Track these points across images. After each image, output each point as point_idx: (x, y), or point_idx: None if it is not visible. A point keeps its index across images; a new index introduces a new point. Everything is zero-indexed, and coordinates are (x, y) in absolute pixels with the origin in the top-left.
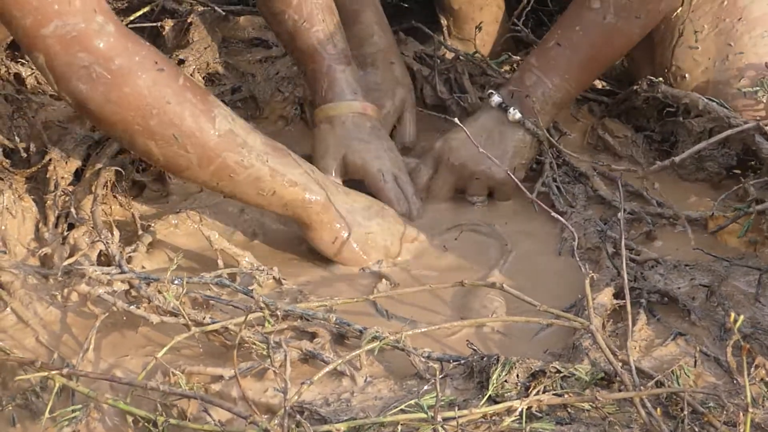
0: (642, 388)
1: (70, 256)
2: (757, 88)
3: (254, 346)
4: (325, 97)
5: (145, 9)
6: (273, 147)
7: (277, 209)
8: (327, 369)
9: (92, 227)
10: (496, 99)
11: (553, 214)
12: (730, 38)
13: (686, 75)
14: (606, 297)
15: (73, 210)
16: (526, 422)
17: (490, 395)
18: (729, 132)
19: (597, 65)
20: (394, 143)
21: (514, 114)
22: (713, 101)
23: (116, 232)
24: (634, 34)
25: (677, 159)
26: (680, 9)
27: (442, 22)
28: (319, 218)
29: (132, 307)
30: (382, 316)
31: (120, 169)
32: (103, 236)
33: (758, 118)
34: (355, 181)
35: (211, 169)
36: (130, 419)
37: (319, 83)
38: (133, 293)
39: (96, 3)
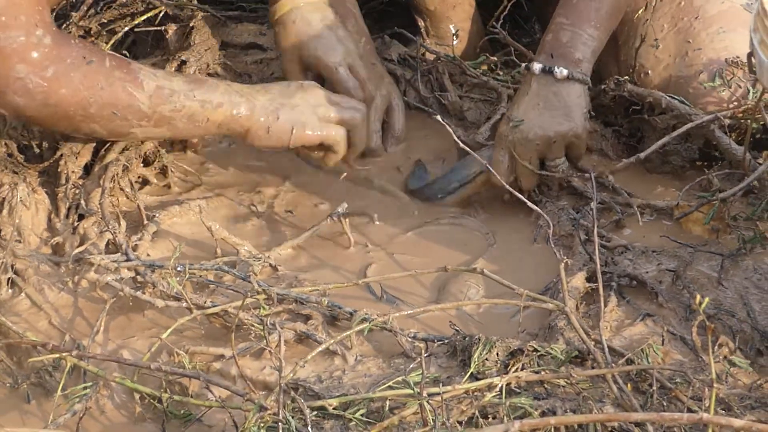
0: (613, 365)
1: (80, 244)
2: (719, 82)
3: (252, 328)
4: None
5: (150, 14)
6: (193, 80)
7: (214, 131)
8: (320, 348)
9: (101, 218)
10: (537, 66)
11: (528, 204)
12: (689, 36)
13: (649, 72)
14: (579, 281)
15: (83, 202)
16: (505, 397)
17: (472, 372)
18: (690, 125)
19: (618, 12)
20: (347, 28)
21: (561, 71)
22: (675, 99)
23: (123, 222)
24: None
25: (642, 155)
26: (641, 11)
27: (419, 23)
28: (249, 122)
29: (138, 292)
30: (374, 296)
31: (126, 164)
32: (110, 226)
33: (720, 110)
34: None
35: (151, 124)
36: (137, 396)
37: None
38: (139, 279)
39: (38, 17)
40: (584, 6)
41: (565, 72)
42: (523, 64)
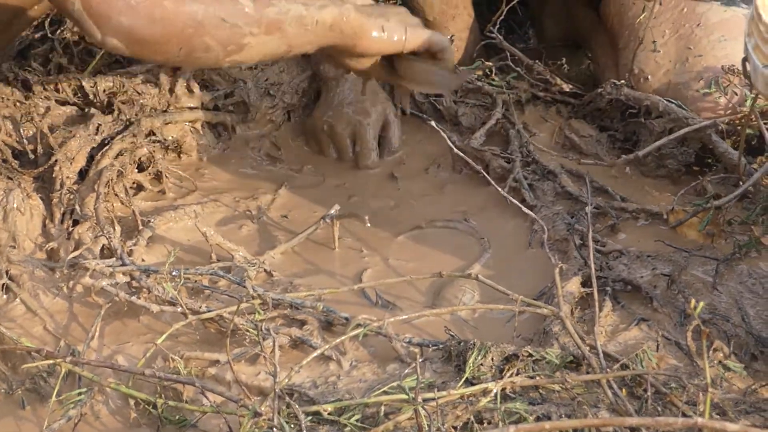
0: (608, 370)
1: (75, 250)
2: (714, 89)
3: (247, 333)
4: None
5: None
6: None
7: (328, 36)
8: (315, 354)
9: (95, 223)
10: None
11: (523, 208)
12: (690, 42)
13: (648, 77)
14: (574, 285)
15: (77, 207)
16: (500, 402)
17: (467, 378)
18: (688, 129)
19: None
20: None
21: None
22: (672, 103)
23: (118, 228)
24: None
25: (641, 153)
26: (643, 16)
27: None
28: (360, 22)
29: (133, 297)
30: (370, 302)
31: (120, 169)
32: (105, 231)
33: (716, 117)
34: None
35: (262, 30)
36: (132, 401)
37: None
38: (134, 284)
39: None
40: None
41: None
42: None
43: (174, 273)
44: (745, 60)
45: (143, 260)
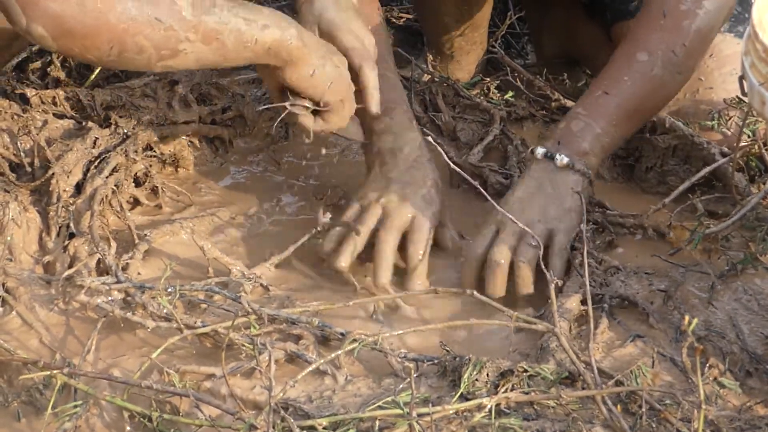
0: (603, 386)
1: (71, 263)
2: (715, 122)
3: (243, 347)
4: None
5: None
6: (234, 1)
7: (262, 58)
8: (310, 368)
9: (91, 241)
10: (540, 150)
11: (519, 224)
12: (702, 73)
13: None
14: (573, 303)
15: (72, 224)
16: (495, 418)
17: (461, 393)
18: (707, 170)
19: (640, 116)
20: (363, 26)
21: (562, 159)
22: (679, 120)
23: (113, 244)
24: (674, 90)
25: (667, 200)
26: None
27: (428, 56)
28: (299, 52)
29: (129, 314)
30: (379, 323)
31: (117, 184)
32: (100, 249)
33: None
34: None
35: (199, 38)
36: (126, 415)
37: None
38: (130, 300)
39: None
40: (605, 100)
41: (566, 160)
42: (530, 148)
43: (169, 289)
44: (741, 78)
45: (139, 273)
